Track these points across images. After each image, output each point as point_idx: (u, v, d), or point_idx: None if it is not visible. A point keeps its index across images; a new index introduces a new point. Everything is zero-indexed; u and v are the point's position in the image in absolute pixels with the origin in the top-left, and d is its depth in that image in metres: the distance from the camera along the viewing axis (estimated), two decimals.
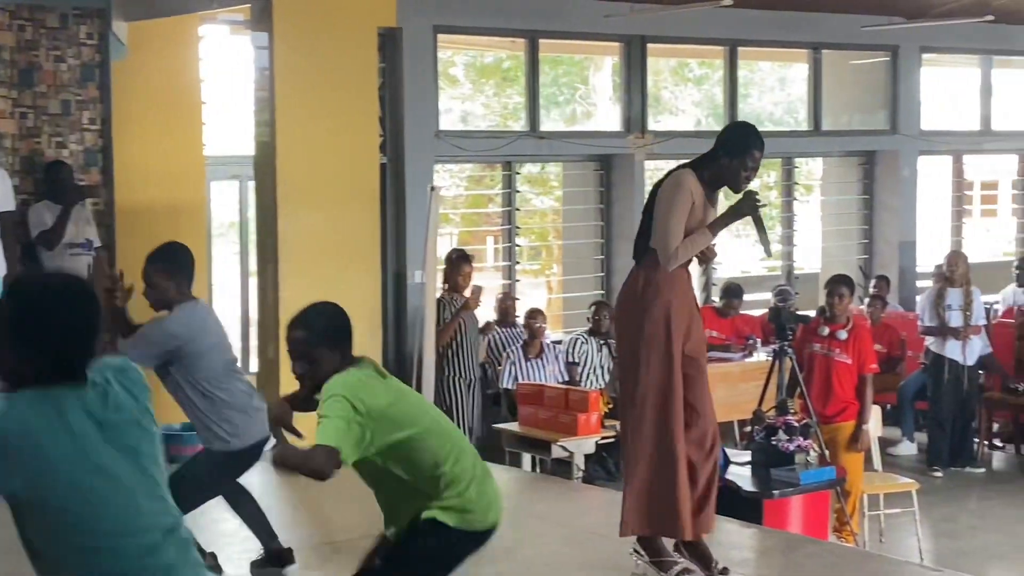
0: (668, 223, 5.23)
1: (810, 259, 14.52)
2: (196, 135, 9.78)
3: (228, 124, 10.55)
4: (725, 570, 5.45)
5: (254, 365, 9.97)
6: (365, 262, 9.34)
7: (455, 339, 9.31)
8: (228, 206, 11.04)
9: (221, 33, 10.58)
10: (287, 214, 8.88)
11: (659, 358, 5.28)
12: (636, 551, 5.52)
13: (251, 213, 10.10)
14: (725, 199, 5.64)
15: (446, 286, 9.48)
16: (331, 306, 4.19)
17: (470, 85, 15.61)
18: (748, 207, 5.33)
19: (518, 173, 12.12)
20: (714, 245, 5.46)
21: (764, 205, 5.40)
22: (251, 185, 9.71)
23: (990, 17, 12.46)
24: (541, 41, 11.82)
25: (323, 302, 4.21)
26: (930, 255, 13.55)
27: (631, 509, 5.42)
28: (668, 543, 5.52)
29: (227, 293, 10.70)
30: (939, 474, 10.38)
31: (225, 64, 10.62)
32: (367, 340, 9.51)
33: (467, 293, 9.48)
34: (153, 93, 9.43)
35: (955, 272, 10.49)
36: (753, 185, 5.44)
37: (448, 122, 12.03)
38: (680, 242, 5.24)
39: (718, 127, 13.24)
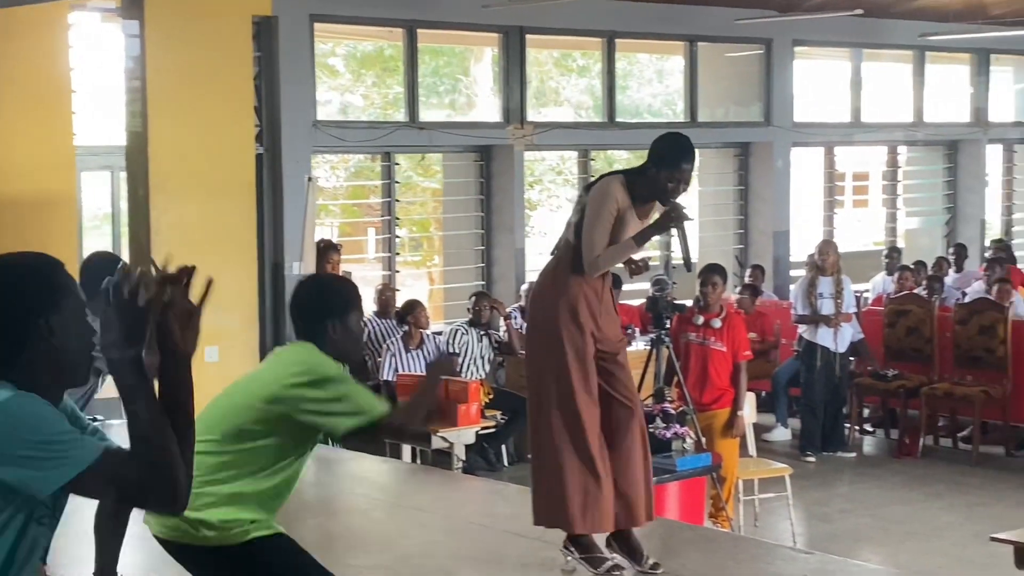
0: (592, 232, 5.18)
1: None
2: (66, 125, 9.56)
3: (99, 113, 10.33)
4: (656, 565, 5.38)
5: None
6: (241, 253, 9.24)
7: None
8: (100, 197, 10.81)
9: (92, 20, 10.36)
10: (160, 205, 8.75)
11: (568, 352, 5.22)
12: (566, 547, 5.42)
13: (124, 204, 9.91)
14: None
15: None
16: None
17: (350, 75, 15.49)
18: (672, 219, 5.27)
19: (398, 164, 12.08)
20: (647, 259, 5.44)
21: (690, 219, 5.37)
22: (123, 176, 9.53)
23: (860, 11, 12.75)
24: (420, 31, 11.79)
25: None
26: (803, 245, 13.82)
27: (539, 501, 5.37)
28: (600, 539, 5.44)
29: None
30: (811, 459, 10.59)
31: (96, 52, 10.39)
32: (244, 332, 9.42)
33: None
34: (22, 82, 9.19)
35: (826, 261, 10.71)
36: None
37: (327, 112, 11.94)
38: (603, 251, 5.20)
39: (598, 118, 13.38)
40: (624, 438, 5.36)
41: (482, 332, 10.45)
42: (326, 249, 9.53)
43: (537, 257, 13.41)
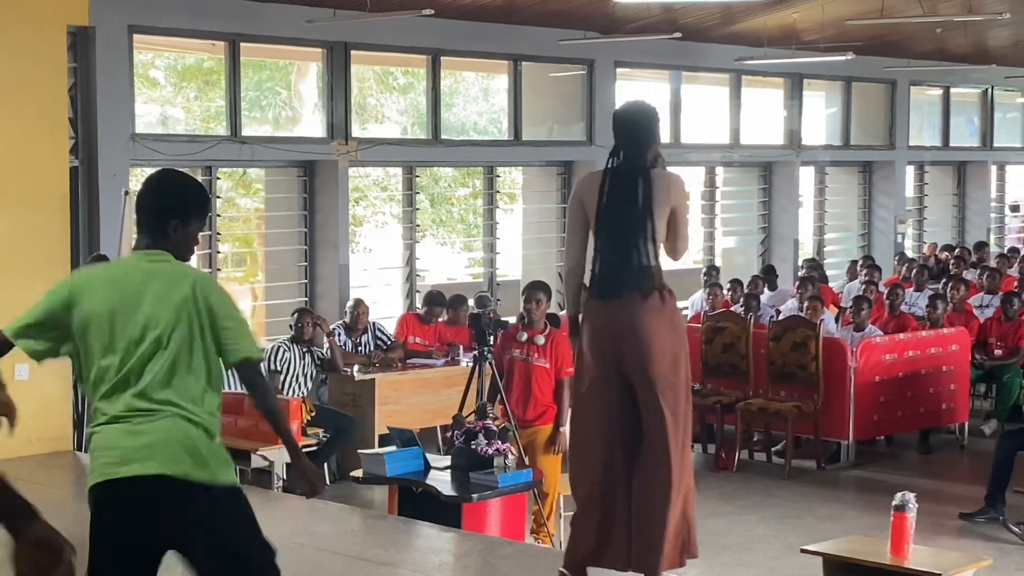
0: (687, 229, 5.53)
1: (512, 266, 14.82)
2: None
3: None
4: None
5: None
6: (54, 268, 8.95)
7: None
8: None
9: None
10: None
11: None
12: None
13: None
14: None
15: None
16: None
17: (171, 87, 15.21)
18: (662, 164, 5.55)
19: (219, 178, 11.91)
20: None
21: None
22: None
23: (678, 35, 13.08)
24: (243, 45, 11.65)
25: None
26: None
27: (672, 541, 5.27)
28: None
29: None
30: None
31: None
32: None
33: None
34: None
35: None
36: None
37: (146, 125, 11.70)
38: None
39: (424, 135, 13.40)
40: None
41: (305, 349, 10.33)
42: None
43: (362, 273, 13.36)
